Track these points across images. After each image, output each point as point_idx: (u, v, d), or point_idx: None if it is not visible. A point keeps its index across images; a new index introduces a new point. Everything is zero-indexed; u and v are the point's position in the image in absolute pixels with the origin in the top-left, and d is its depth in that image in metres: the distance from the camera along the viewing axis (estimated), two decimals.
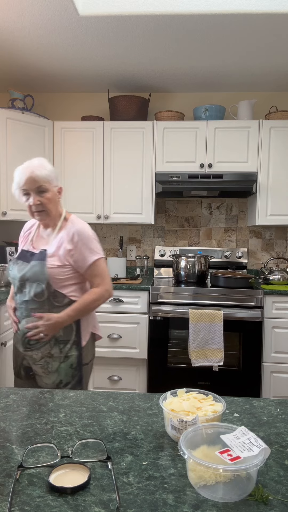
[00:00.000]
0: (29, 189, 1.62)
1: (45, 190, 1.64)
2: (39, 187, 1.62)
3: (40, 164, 1.66)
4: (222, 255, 3.43)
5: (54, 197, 1.68)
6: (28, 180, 1.61)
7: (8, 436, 0.84)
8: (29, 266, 1.66)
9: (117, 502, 0.63)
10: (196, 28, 2.41)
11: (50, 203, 1.66)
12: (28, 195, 1.64)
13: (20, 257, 1.73)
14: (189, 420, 0.79)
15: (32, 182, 1.61)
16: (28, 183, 1.62)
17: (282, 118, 3.11)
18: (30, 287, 1.66)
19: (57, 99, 3.58)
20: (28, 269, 1.66)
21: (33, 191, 1.62)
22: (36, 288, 1.65)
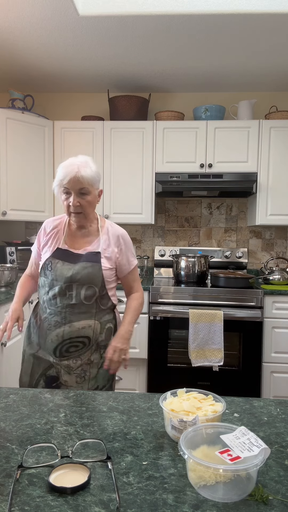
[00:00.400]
0: (71, 189, 1.54)
1: (87, 193, 1.56)
2: (82, 189, 1.54)
3: (87, 164, 1.57)
4: (222, 255, 3.43)
5: (94, 201, 1.60)
6: (72, 180, 1.53)
7: (8, 436, 0.84)
8: (80, 267, 1.57)
9: (117, 502, 0.63)
10: (196, 28, 2.41)
11: (89, 206, 1.58)
12: (68, 194, 1.56)
13: (60, 257, 1.61)
14: (189, 420, 0.79)
15: (75, 183, 1.53)
16: (71, 183, 1.53)
17: (282, 118, 3.11)
18: (79, 289, 1.57)
19: (57, 99, 3.58)
20: (79, 270, 1.57)
21: (75, 192, 1.54)
22: (87, 290, 1.57)
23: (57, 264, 1.59)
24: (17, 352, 2.54)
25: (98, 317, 1.61)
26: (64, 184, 1.54)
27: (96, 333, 1.60)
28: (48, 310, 1.60)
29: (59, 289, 1.57)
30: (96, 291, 1.59)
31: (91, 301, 1.58)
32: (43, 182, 3.20)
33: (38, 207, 3.18)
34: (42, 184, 3.20)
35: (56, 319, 1.58)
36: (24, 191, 3.10)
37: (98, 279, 1.58)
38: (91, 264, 1.58)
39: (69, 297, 1.57)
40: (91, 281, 1.57)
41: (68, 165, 1.55)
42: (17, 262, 3.13)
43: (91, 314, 1.59)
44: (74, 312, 1.57)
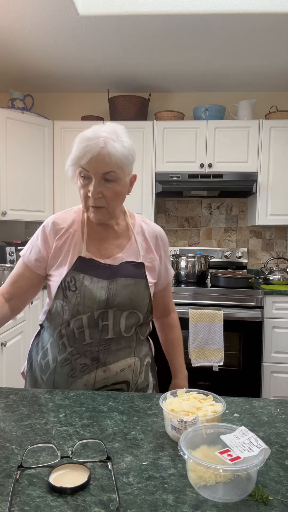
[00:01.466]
0: (92, 172, 1.07)
1: (115, 179, 1.09)
2: (108, 174, 1.07)
3: (117, 136, 1.09)
4: (222, 255, 3.43)
5: (124, 191, 1.14)
6: (94, 159, 1.05)
7: (8, 436, 0.83)
8: (120, 286, 1.14)
9: (117, 502, 0.63)
10: (196, 28, 2.41)
11: (117, 199, 1.12)
12: (88, 179, 1.09)
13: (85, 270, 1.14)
14: (189, 420, 0.79)
15: (99, 164, 1.05)
16: (93, 163, 1.05)
17: (282, 118, 3.11)
18: (117, 317, 1.14)
19: (57, 99, 3.58)
20: (118, 289, 1.14)
21: (97, 177, 1.07)
22: (129, 318, 1.15)
23: (83, 281, 1.13)
24: (17, 352, 2.54)
25: (138, 351, 1.22)
26: (83, 164, 1.07)
27: (136, 374, 1.21)
28: (69, 349, 1.15)
29: (89, 319, 1.13)
30: (141, 318, 1.18)
31: (131, 332, 1.18)
32: (43, 182, 3.20)
33: (38, 207, 3.18)
34: (42, 184, 3.20)
35: (83, 362, 1.14)
36: (24, 191, 3.09)
37: (145, 301, 1.16)
38: (133, 281, 1.15)
39: (103, 330, 1.14)
40: (135, 305, 1.15)
41: (91, 136, 1.07)
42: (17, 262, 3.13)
43: (130, 349, 1.19)
44: (110, 350, 1.15)
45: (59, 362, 1.17)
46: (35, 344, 1.27)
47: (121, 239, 1.21)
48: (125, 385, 1.18)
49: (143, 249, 1.21)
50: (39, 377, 1.21)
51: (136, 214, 1.30)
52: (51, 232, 1.18)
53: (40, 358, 1.22)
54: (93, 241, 1.19)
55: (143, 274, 1.18)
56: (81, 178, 1.10)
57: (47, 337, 1.21)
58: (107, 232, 1.20)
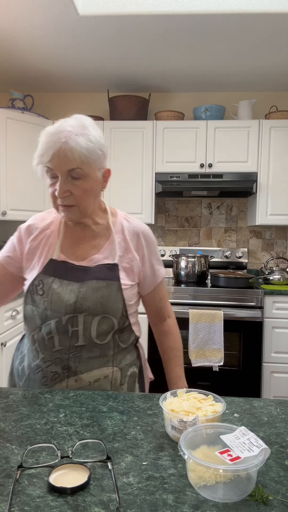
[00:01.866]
0: (56, 170, 1.01)
1: (81, 176, 1.02)
2: (73, 171, 1.01)
3: (82, 130, 1.01)
4: (222, 255, 3.43)
5: (95, 187, 1.06)
6: (56, 155, 0.99)
7: (8, 436, 0.83)
8: (89, 289, 1.07)
9: (117, 502, 0.63)
10: (196, 28, 2.41)
11: (87, 196, 1.05)
12: (55, 177, 1.04)
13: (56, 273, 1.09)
14: (189, 420, 0.79)
15: (62, 160, 0.99)
16: (55, 161, 1.00)
17: (282, 118, 3.11)
18: (88, 322, 1.07)
19: (57, 99, 3.58)
20: (88, 292, 1.07)
21: (63, 174, 1.01)
22: (101, 324, 1.08)
23: (51, 284, 1.07)
24: None
25: (117, 361, 1.13)
26: (46, 162, 1.01)
27: (116, 386, 1.13)
28: (41, 355, 1.10)
29: (57, 324, 1.07)
30: (115, 323, 1.10)
31: (106, 339, 1.10)
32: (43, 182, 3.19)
33: (38, 207, 3.18)
34: (42, 184, 3.20)
35: (54, 370, 1.08)
36: (24, 191, 3.09)
37: (117, 305, 1.09)
38: (105, 283, 1.09)
39: (73, 336, 1.07)
40: (107, 309, 1.08)
41: (53, 131, 1.00)
42: None
43: (107, 358, 1.11)
44: (81, 358, 1.08)
45: (33, 368, 1.12)
46: (17, 349, 1.24)
47: (99, 239, 1.15)
48: None
49: (121, 249, 1.14)
50: (17, 383, 1.18)
51: (120, 211, 1.22)
52: (26, 233, 1.16)
53: (17, 364, 1.19)
54: (69, 242, 1.14)
55: (116, 276, 1.10)
56: (47, 176, 1.06)
57: (25, 342, 1.18)
58: (84, 232, 1.14)
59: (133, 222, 1.20)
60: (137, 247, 1.17)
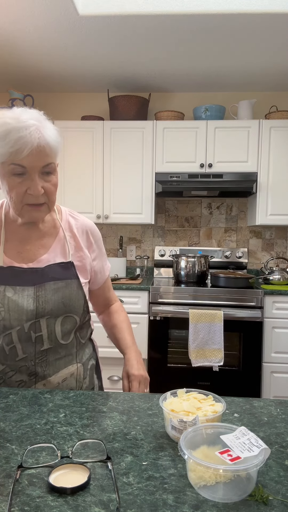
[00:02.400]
0: (30, 167, 0.95)
1: (53, 171, 1.01)
2: (48, 166, 0.98)
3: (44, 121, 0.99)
4: (222, 255, 3.43)
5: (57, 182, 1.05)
6: (35, 151, 0.94)
7: (8, 436, 0.83)
8: (49, 291, 1.04)
9: (117, 502, 0.63)
10: (196, 28, 2.41)
11: (56, 191, 1.04)
12: (22, 175, 0.96)
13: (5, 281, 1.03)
14: (189, 420, 0.79)
15: (39, 156, 0.95)
16: (32, 157, 0.94)
17: (282, 118, 3.11)
18: (51, 325, 1.05)
19: (57, 99, 3.58)
20: (48, 295, 1.04)
21: (36, 171, 0.97)
22: (64, 324, 1.06)
23: (5, 293, 1.01)
24: None
25: (80, 357, 1.14)
26: (18, 160, 0.93)
27: (80, 381, 1.14)
28: (1, 367, 1.06)
29: (18, 333, 1.02)
30: (77, 321, 1.09)
31: (69, 338, 1.09)
32: None
33: None
34: None
35: (19, 378, 1.05)
36: None
37: (79, 302, 1.08)
38: (64, 283, 1.05)
39: (37, 341, 1.04)
40: (69, 308, 1.06)
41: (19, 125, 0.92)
42: None
43: (71, 356, 1.10)
44: (48, 361, 1.06)
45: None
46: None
47: (46, 238, 1.09)
48: None
49: (71, 247, 1.11)
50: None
51: (63, 207, 1.18)
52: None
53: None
54: (12, 244, 1.06)
55: (74, 274, 1.08)
56: (13, 176, 0.96)
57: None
58: (29, 232, 1.08)
59: (80, 219, 1.18)
60: (88, 245, 1.15)
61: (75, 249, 1.12)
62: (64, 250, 1.10)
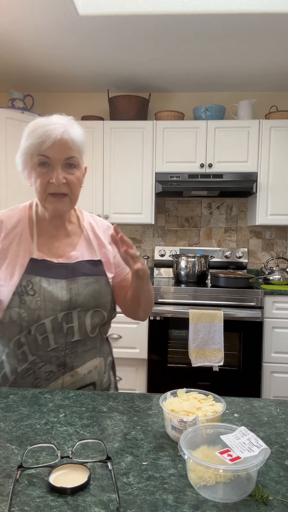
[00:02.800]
0: (53, 158, 1.04)
1: (76, 165, 1.08)
2: (70, 159, 1.06)
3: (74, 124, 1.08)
4: (222, 255, 3.43)
5: (82, 180, 1.12)
6: (57, 143, 1.02)
7: (8, 437, 0.83)
8: (80, 284, 1.10)
9: (117, 502, 0.63)
10: (196, 28, 2.41)
11: (79, 185, 1.10)
12: (47, 166, 1.05)
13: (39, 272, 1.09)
14: (189, 420, 0.79)
15: (62, 148, 1.03)
16: (55, 148, 1.02)
17: (282, 118, 3.11)
18: (82, 318, 1.10)
19: (57, 99, 3.58)
20: (80, 288, 1.09)
21: (59, 163, 1.04)
22: (93, 318, 1.12)
23: (40, 283, 1.07)
24: None
25: (102, 351, 1.19)
26: (43, 150, 1.02)
27: (101, 374, 1.19)
28: (31, 358, 1.08)
29: (52, 322, 1.07)
30: (105, 316, 1.15)
31: (96, 332, 1.14)
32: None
33: None
34: None
35: (49, 369, 1.09)
36: (24, 191, 3.09)
37: (107, 298, 1.14)
38: (94, 279, 1.12)
39: (68, 333, 1.09)
40: (99, 303, 1.12)
41: (47, 123, 1.04)
42: None
43: (96, 350, 1.16)
44: (77, 353, 1.11)
45: (20, 373, 1.09)
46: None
47: (72, 237, 1.17)
48: (92, 387, 1.16)
49: (96, 245, 1.19)
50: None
51: (84, 211, 1.26)
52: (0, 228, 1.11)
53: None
54: (43, 240, 1.13)
55: (103, 271, 1.15)
56: (38, 167, 1.05)
57: (1, 349, 1.13)
58: (57, 231, 1.15)
59: (99, 220, 1.27)
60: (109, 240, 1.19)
61: (99, 247, 1.20)
62: (90, 248, 1.18)
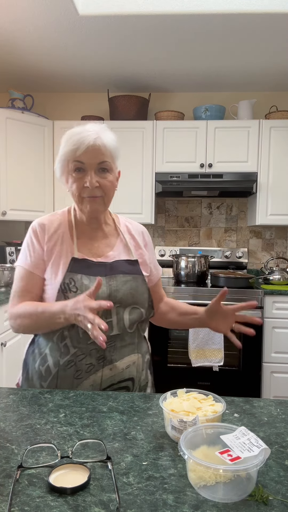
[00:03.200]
0: (87, 163, 1.12)
1: (109, 169, 1.15)
2: (103, 163, 1.13)
3: (106, 130, 1.17)
4: (222, 255, 3.43)
5: (116, 183, 1.21)
6: (90, 149, 1.10)
7: (8, 436, 0.83)
8: (119, 282, 1.17)
9: (117, 502, 0.63)
10: (196, 28, 2.41)
11: (112, 187, 1.18)
12: (82, 171, 1.13)
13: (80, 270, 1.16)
14: (189, 420, 0.79)
15: (95, 153, 1.11)
16: (88, 154, 1.11)
17: (282, 118, 3.10)
18: (120, 313, 1.16)
19: (57, 99, 3.57)
20: (118, 285, 1.16)
21: (93, 168, 1.13)
22: (131, 314, 1.18)
23: (82, 281, 1.14)
24: (17, 352, 2.54)
25: (139, 347, 1.23)
26: (78, 156, 1.11)
27: (139, 371, 1.22)
28: (73, 350, 1.14)
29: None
30: (143, 314, 1.21)
31: (134, 328, 1.20)
32: (43, 182, 3.20)
33: (38, 207, 3.18)
34: (42, 184, 3.20)
35: (89, 362, 1.14)
36: (24, 191, 3.09)
37: (144, 296, 1.21)
38: (131, 277, 1.19)
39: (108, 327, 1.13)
40: (136, 300, 1.18)
41: (81, 130, 1.13)
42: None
43: (134, 346, 1.20)
44: (116, 347, 1.15)
45: (62, 365, 1.15)
46: (30, 352, 1.24)
47: (110, 238, 1.25)
48: (131, 382, 1.18)
49: (132, 247, 1.25)
50: (37, 385, 1.18)
51: (119, 215, 1.35)
52: (42, 233, 1.19)
53: (38, 365, 1.19)
54: (83, 242, 1.21)
55: (139, 270, 1.22)
56: (74, 172, 1.14)
57: (44, 342, 1.19)
58: (96, 232, 1.23)
59: (134, 223, 1.34)
60: (144, 243, 1.29)
61: (135, 248, 1.26)
62: (126, 249, 1.25)
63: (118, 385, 1.15)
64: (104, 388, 1.14)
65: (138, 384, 1.21)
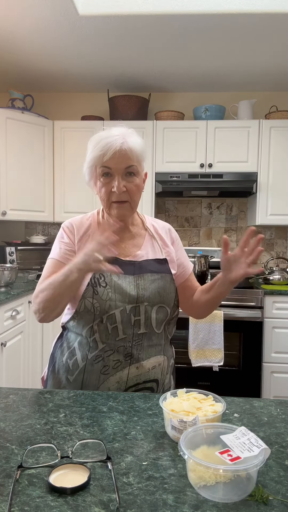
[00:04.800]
0: (114, 168, 1.13)
1: (136, 173, 1.16)
2: (129, 167, 1.14)
3: (133, 133, 1.19)
4: None
5: (142, 185, 1.21)
6: (117, 154, 1.12)
7: (8, 437, 0.83)
8: (147, 280, 1.18)
9: (117, 502, 0.63)
10: (196, 28, 2.41)
11: (138, 192, 1.19)
12: (109, 176, 1.15)
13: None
14: (189, 420, 0.79)
15: (121, 158, 1.12)
16: (115, 159, 1.12)
17: (282, 118, 3.11)
18: (148, 312, 1.17)
19: (57, 99, 3.57)
20: (146, 284, 1.17)
21: (119, 172, 1.14)
22: (158, 313, 1.18)
23: (111, 277, 1.15)
24: (17, 352, 2.54)
25: (166, 350, 1.23)
26: (105, 161, 1.12)
27: (164, 374, 1.22)
28: (101, 345, 1.15)
29: (121, 313, 1.14)
30: (168, 312, 1.21)
31: (161, 328, 1.20)
32: (43, 182, 3.20)
33: (37, 207, 3.18)
34: (42, 184, 3.20)
35: (116, 358, 1.14)
36: (24, 191, 3.09)
37: (171, 295, 1.21)
38: (159, 276, 1.20)
39: (135, 325, 1.15)
40: (163, 299, 1.19)
41: (107, 135, 1.15)
42: (16, 262, 3.13)
43: (160, 347, 1.20)
44: (143, 346, 1.16)
45: (90, 359, 1.16)
46: (58, 345, 1.26)
47: (137, 239, 1.26)
48: (155, 384, 1.18)
49: (160, 245, 1.26)
50: (63, 378, 1.20)
51: (145, 215, 1.35)
52: (74, 231, 1.22)
53: (66, 358, 1.21)
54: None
55: (168, 269, 1.22)
56: (102, 177, 1.15)
57: (73, 337, 1.21)
58: (123, 233, 1.23)
59: (160, 222, 1.35)
60: (171, 241, 1.30)
61: (162, 246, 1.27)
62: (154, 248, 1.25)
63: (144, 385, 1.16)
64: (130, 386, 1.14)
65: (162, 387, 1.21)
